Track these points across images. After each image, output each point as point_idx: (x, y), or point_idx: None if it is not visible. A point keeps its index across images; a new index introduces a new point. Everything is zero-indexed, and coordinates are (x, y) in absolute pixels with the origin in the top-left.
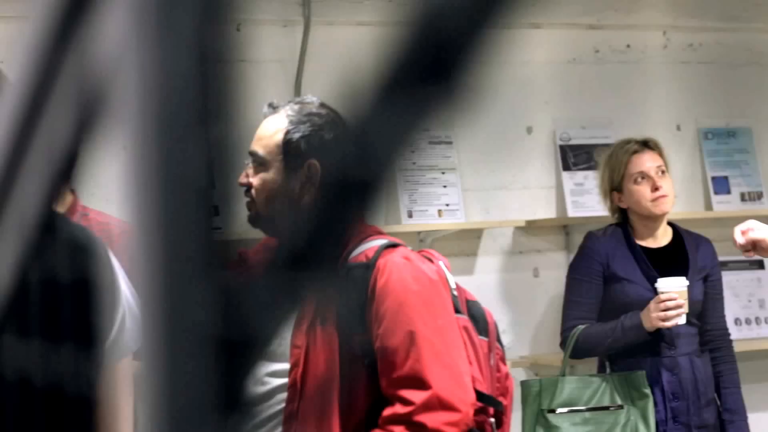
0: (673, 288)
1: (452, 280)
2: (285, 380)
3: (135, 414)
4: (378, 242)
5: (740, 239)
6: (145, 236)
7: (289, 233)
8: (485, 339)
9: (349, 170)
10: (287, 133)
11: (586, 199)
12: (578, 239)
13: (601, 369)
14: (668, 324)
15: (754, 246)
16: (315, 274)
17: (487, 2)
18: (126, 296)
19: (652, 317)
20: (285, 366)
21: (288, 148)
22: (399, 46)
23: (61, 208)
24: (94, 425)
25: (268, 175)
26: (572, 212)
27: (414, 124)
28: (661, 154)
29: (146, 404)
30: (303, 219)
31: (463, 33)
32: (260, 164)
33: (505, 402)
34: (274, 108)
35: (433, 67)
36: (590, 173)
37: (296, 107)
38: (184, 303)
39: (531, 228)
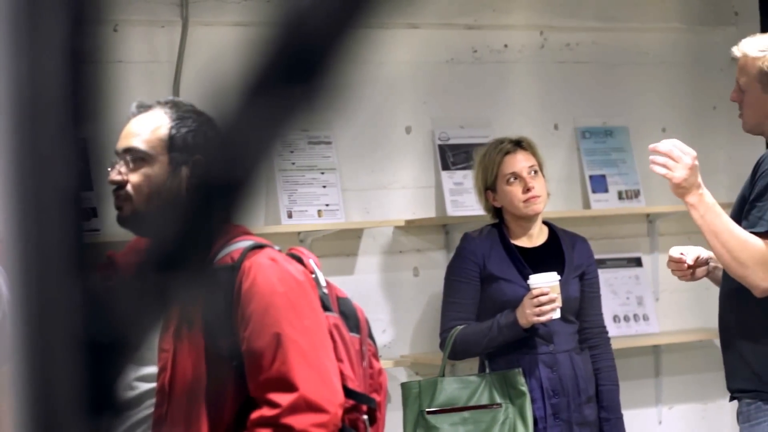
0: (545, 282)
1: (322, 278)
2: (154, 384)
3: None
4: (244, 243)
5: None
6: (15, 237)
7: (157, 235)
8: (356, 336)
9: (216, 171)
10: (172, 128)
11: (465, 199)
12: (458, 238)
13: (482, 368)
14: (543, 319)
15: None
16: (182, 276)
17: (351, 3)
18: (8, 300)
19: (527, 313)
20: (154, 370)
21: (173, 143)
22: (264, 48)
23: None
24: None
25: (152, 170)
26: (451, 211)
27: (280, 125)
28: (534, 154)
29: (16, 407)
30: (169, 220)
31: (327, 34)
32: (141, 159)
33: (378, 398)
34: (145, 107)
35: (298, 68)
36: (469, 173)
37: (172, 105)
38: (52, 305)
39: (411, 227)
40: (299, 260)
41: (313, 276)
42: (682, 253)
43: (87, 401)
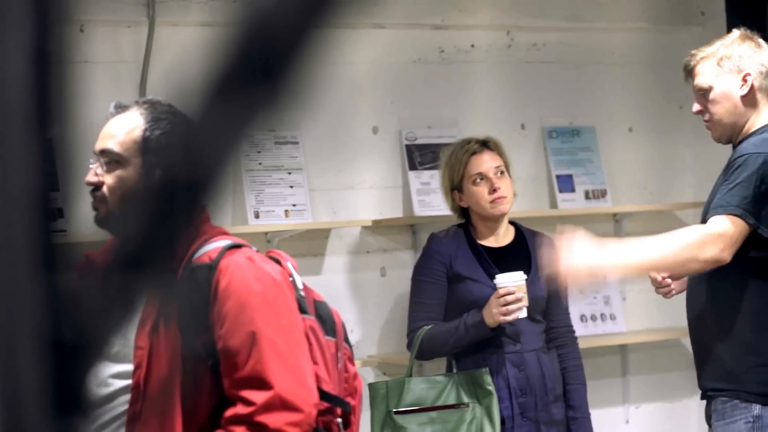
0: (511, 282)
1: (299, 281)
2: (128, 382)
3: None
4: (221, 243)
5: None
6: None
7: (122, 235)
8: (332, 339)
9: (181, 171)
10: (146, 130)
11: (433, 199)
12: (425, 238)
13: (449, 368)
14: (509, 318)
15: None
16: (149, 275)
17: (316, 3)
18: None
19: (493, 313)
20: (129, 367)
21: (147, 145)
22: (228, 48)
23: None
24: None
25: (126, 172)
26: (419, 211)
27: (244, 125)
28: (501, 154)
29: None
30: (134, 220)
31: (291, 33)
32: (115, 162)
33: (353, 402)
34: (122, 108)
35: (262, 67)
36: (436, 173)
37: (148, 106)
38: (18, 305)
39: (378, 227)
40: (277, 262)
41: (291, 279)
42: (663, 277)
43: (54, 401)
